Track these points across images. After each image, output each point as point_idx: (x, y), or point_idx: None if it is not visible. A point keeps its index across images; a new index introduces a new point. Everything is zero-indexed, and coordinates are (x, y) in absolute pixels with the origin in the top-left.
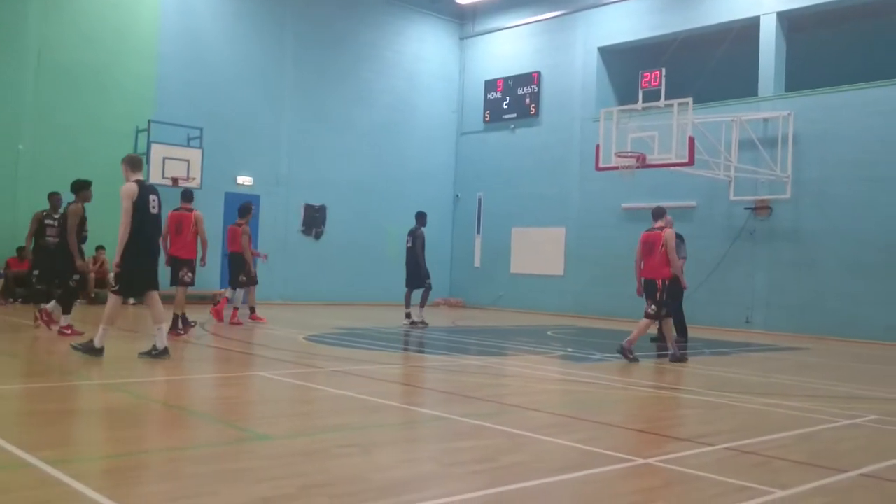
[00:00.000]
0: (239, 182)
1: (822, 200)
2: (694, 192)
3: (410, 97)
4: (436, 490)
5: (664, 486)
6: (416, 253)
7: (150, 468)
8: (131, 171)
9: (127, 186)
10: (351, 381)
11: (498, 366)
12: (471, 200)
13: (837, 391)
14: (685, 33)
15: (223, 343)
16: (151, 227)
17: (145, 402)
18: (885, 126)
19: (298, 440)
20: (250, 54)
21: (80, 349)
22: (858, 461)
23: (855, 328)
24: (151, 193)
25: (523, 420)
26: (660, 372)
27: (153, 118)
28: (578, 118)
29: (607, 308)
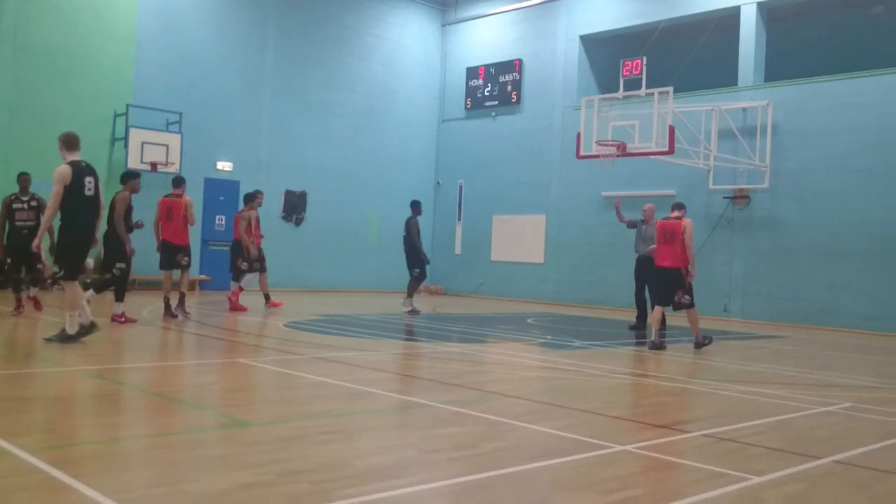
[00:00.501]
0: (219, 167)
1: (800, 190)
2: (673, 181)
3: (391, 83)
4: (416, 476)
5: (642, 473)
6: (411, 242)
7: (130, 455)
8: (67, 152)
9: (59, 170)
10: (331, 368)
11: (478, 353)
12: (452, 187)
13: (813, 379)
14: (666, 22)
15: (203, 330)
16: (87, 210)
17: (125, 388)
18: (862, 117)
19: (279, 427)
20: (230, 38)
21: (56, 339)
22: (832, 448)
23: (831, 317)
24: (87, 175)
25: (503, 407)
26: (639, 360)
27: (131, 102)
28: (560, 106)
29: (587, 296)
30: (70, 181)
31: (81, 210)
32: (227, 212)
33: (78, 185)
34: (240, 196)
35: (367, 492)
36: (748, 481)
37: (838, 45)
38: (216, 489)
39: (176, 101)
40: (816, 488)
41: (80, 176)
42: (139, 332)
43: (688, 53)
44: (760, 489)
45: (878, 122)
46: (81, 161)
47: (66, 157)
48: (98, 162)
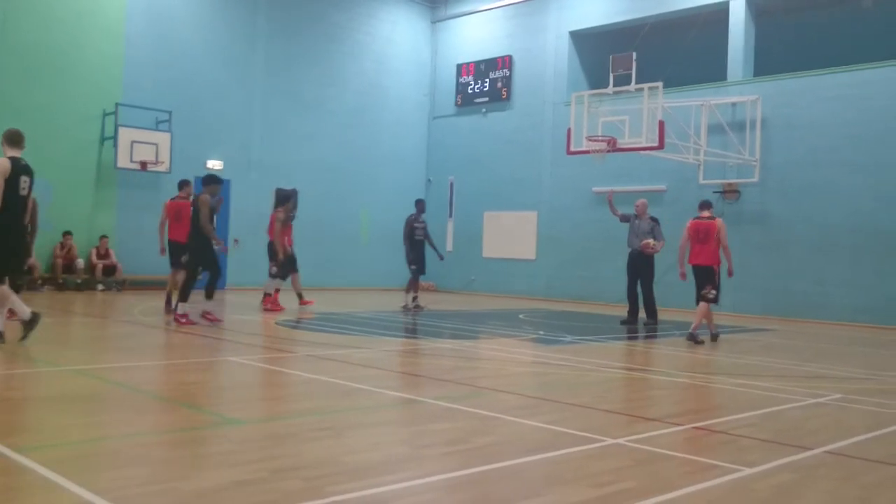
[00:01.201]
0: (209, 166)
1: (790, 184)
2: (664, 176)
3: (382, 80)
4: (408, 472)
5: (634, 466)
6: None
7: (120, 454)
8: (9, 147)
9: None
10: (323, 366)
11: (470, 349)
12: (443, 184)
13: (803, 371)
14: (656, 18)
15: (195, 329)
16: (19, 208)
17: (115, 387)
18: (850, 111)
19: (271, 424)
20: (220, 36)
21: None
22: (823, 439)
23: (821, 310)
24: (24, 174)
25: (495, 402)
26: (630, 354)
27: (121, 101)
28: (550, 102)
29: (578, 291)
30: (9, 176)
31: (15, 208)
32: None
33: (14, 183)
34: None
35: (360, 488)
36: (740, 472)
37: (827, 39)
38: (208, 487)
39: (166, 100)
40: (807, 479)
41: (17, 174)
42: (132, 332)
43: (677, 49)
44: (752, 480)
45: (866, 115)
46: (21, 159)
47: (7, 152)
48: (87, 161)
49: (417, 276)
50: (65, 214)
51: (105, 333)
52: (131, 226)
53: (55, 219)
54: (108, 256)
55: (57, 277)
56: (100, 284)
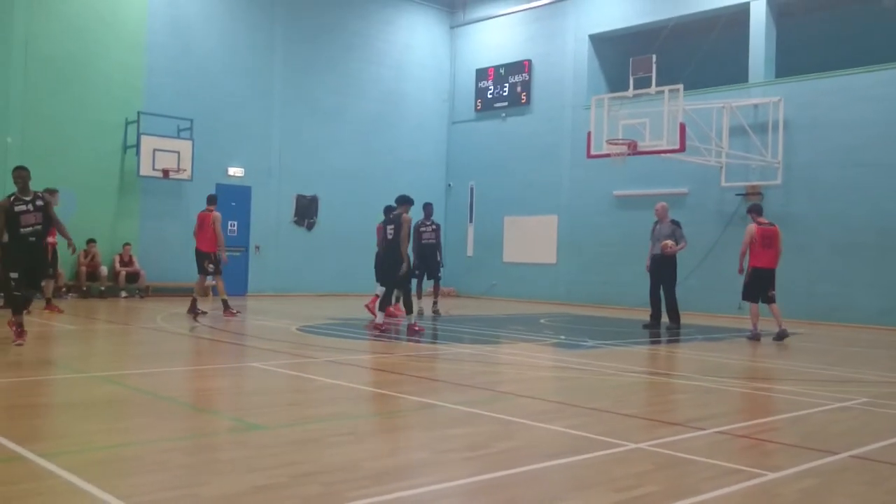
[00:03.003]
0: (230, 173)
1: (813, 186)
2: (685, 179)
3: (401, 86)
4: (429, 477)
5: (655, 470)
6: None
7: (142, 459)
8: None
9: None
10: (344, 371)
11: (491, 354)
12: (463, 189)
13: (829, 375)
14: (676, 20)
15: (216, 335)
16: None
17: (137, 393)
18: (874, 111)
19: (291, 429)
20: (239, 45)
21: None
22: (849, 443)
23: (846, 312)
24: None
25: (516, 407)
26: (653, 358)
27: (142, 109)
28: (569, 106)
29: (600, 295)
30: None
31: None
32: (239, 217)
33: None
34: (252, 201)
35: (380, 493)
36: (763, 477)
37: (848, 39)
38: (229, 492)
39: (187, 108)
40: (832, 483)
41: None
42: (155, 338)
43: (698, 51)
44: (775, 485)
45: (889, 115)
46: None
47: None
48: (110, 169)
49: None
50: (88, 222)
51: (128, 340)
52: (154, 233)
53: (79, 227)
54: (131, 264)
55: (81, 285)
56: (123, 291)
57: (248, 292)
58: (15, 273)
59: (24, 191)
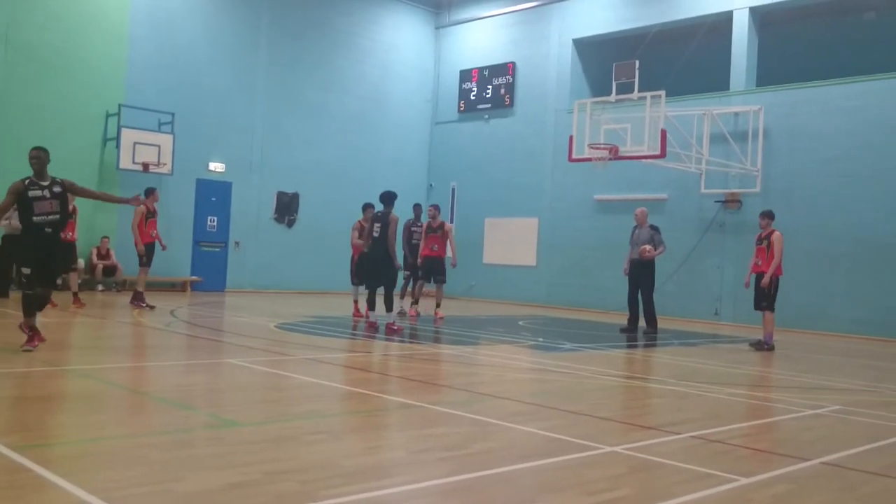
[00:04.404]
0: (211, 168)
1: (791, 195)
2: (665, 185)
3: (385, 86)
4: (404, 476)
5: (629, 474)
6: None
7: (117, 454)
8: None
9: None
10: (322, 369)
11: (469, 355)
12: (444, 190)
13: (802, 382)
14: (659, 26)
15: (193, 330)
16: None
17: (113, 388)
18: (852, 122)
19: (267, 427)
20: (223, 39)
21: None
22: (821, 450)
23: (821, 321)
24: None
25: (493, 408)
26: (630, 362)
27: (124, 102)
28: (552, 109)
29: (579, 298)
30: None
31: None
32: (218, 213)
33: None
34: (232, 197)
35: (355, 491)
36: (736, 482)
37: (830, 50)
38: (203, 488)
39: (168, 102)
40: (804, 489)
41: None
42: (130, 333)
43: (680, 58)
44: (748, 490)
45: (868, 126)
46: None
47: None
48: (89, 162)
49: (412, 281)
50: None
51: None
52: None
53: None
54: (108, 257)
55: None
56: (100, 285)
57: (227, 288)
58: (27, 269)
59: (41, 174)
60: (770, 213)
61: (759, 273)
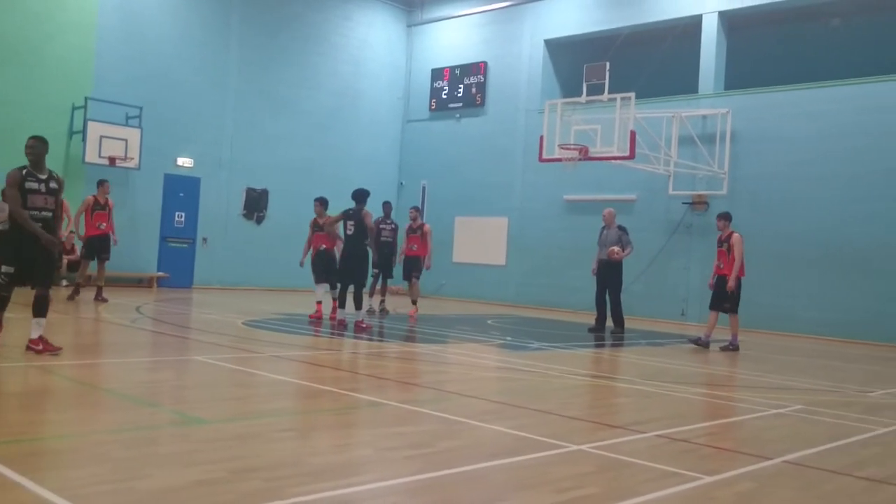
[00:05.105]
0: (179, 164)
1: (757, 197)
2: (634, 186)
3: (356, 83)
4: (371, 474)
5: (596, 472)
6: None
7: (80, 451)
8: None
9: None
10: (289, 367)
11: (437, 353)
12: (415, 188)
13: (766, 382)
14: (630, 29)
15: (160, 327)
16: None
17: (75, 384)
18: (818, 127)
19: (234, 424)
20: (193, 33)
21: None
22: (783, 449)
23: (786, 322)
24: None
25: (461, 407)
26: (597, 361)
27: (91, 95)
28: (523, 109)
29: (548, 298)
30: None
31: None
32: (186, 209)
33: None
34: (201, 193)
35: (321, 489)
36: (700, 480)
37: (797, 55)
38: (167, 486)
39: (136, 95)
40: (766, 487)
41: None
42: (95, 328)
43: (650, 60)
44: (712, 488)
45: (833, 131)
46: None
47: None
48: (54, 155)
49: (383, 279)
50: None
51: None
52: None
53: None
54: (73, 252)
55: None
56: (64, 280)
57: (194, 285)
58: (9, 268)
59: (38, 166)
60: (727, 215)
61: (721, 275)
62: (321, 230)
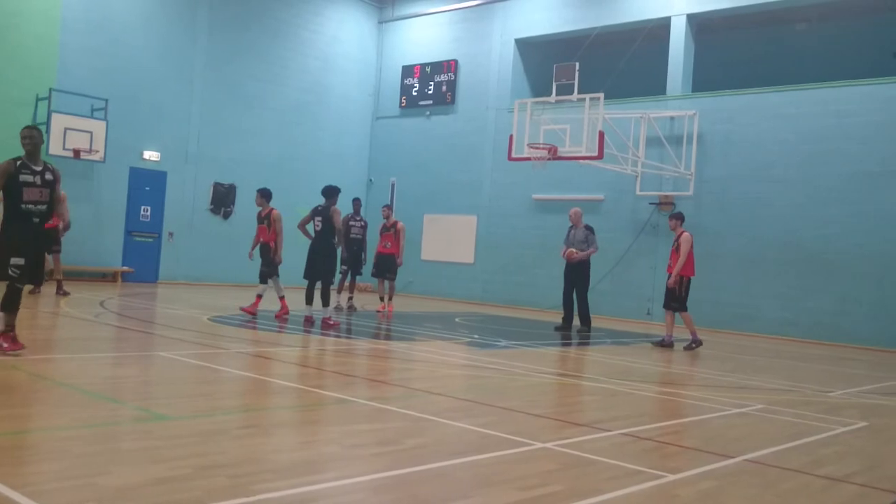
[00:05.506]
0: (145, 157)
1: (723, 199)
2: (602, 186)
3: (326, 78)
4: (336, 472)
5: (560, 470)
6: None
7: (40, 447)
8: None
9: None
10: (255, 363)
11: (405, 350)
12: (384, 185)
13: (729, 381)
14: (600, 30)
15: (124, 322)
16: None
17: (37, 379)
18: (783, 130)
19: (198, 421)
20: (160, 24)
21: None
22: (745, 447)
23: (749, 322)
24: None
25: (427, 404)
26: (563, 360)
27: (55, 86)
28: (493, 108)
29: (515, 296)
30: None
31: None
32: (152, 203)
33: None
34: (167, 187)
35: (286, 487)
36: (663, 478)
37: (764, 58)
38: (130, 483)
39: (102, 87)
40: (728, 486)
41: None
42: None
43: (619, 61)
44: (675, 486)
45: (798, 134)
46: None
47: None
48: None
49: (351, 276)
50: None
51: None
52: None
53: None
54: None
55: None
56: None
57: (160, 280)
58: (20, 259)
59: (34, 158)
60: (678, 215)
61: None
62: (262, 223)
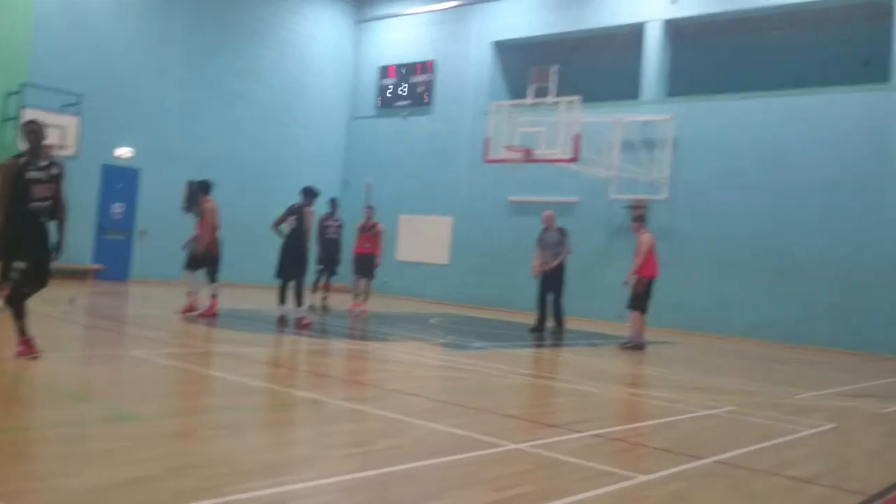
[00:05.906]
0: (118, 154)
1: (695, 203)
2: (576, 189)
3: (302, 78)
4: (308, 473)
5: (532, 471)
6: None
7: (8, 448)
8: None
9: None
10: (227, 363)
11: (379, 351)
12: (360, 186)
13: (699, 383)
14: (576, 33)
15: (94, 321)
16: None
17: (5, 378)
18: (757, 136)
19: (169, 421)
20: (136, 19)
21: None
22: (715, 449)
23: (719, 325)
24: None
25: (401, 405)
26: (537, 361)
27: (26, 81)
28: (470, 109)
29: (490, 298)
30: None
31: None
32: (126, 200)
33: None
34: (140, 185)
35: (258, 487)
36: (634, 479)
37: (738, 65)
38: (99, 484)
39: (75, 82)
40: (698, 487)
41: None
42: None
43: (595, 65)
44: (646, 487)
45: (771, 140)
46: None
47: None
48: None
49: (325, 276)
50: None
51: None
52: None
53: None
54: None
55: None
56: None
57: (132, 278)
58: (22, 263)
59: (38, 153)
60: (640, 217)
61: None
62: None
